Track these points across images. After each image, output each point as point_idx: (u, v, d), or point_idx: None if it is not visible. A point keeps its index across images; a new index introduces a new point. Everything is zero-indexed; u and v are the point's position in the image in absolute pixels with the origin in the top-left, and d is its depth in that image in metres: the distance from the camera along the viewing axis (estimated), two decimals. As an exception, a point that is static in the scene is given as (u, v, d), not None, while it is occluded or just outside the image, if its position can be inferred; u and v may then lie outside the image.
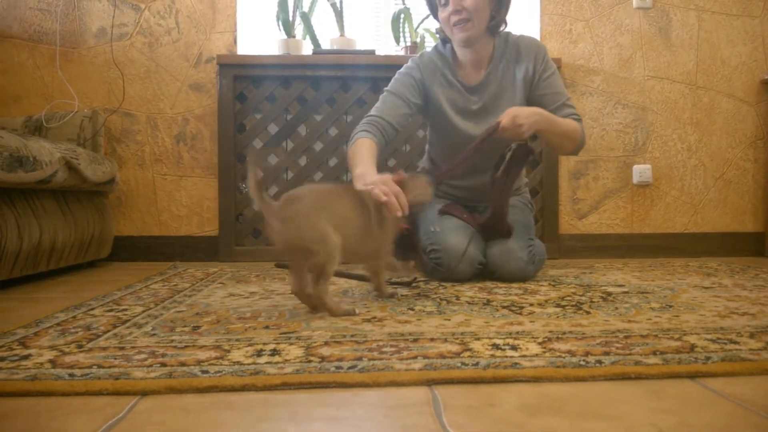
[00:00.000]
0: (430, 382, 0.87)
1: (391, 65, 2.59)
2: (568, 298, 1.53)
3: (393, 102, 1.86)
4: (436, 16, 1.93)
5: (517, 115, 1.67)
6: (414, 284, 1.71)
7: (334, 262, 1.26)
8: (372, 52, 2.65)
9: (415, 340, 1.08)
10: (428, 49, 2.00)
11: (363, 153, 1.68)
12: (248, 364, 0.94)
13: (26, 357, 0.99)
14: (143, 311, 1.38)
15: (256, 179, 1.22)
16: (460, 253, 1.78)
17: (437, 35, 2.00)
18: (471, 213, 1.92)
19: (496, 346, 1.03)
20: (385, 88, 1.91)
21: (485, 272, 1.86)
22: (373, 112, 1.84)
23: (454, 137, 1.91)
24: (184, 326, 1.21)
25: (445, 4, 1.81)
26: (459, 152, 1.81)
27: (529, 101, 1.89)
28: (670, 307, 1.40)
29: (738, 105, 2.79)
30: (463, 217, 1.88)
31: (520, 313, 1.33)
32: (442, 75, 1.92)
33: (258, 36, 2.81)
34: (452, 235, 1.81)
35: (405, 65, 1.95)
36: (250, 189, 1.23)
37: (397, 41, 2.79)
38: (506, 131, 1.67)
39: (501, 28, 1.90)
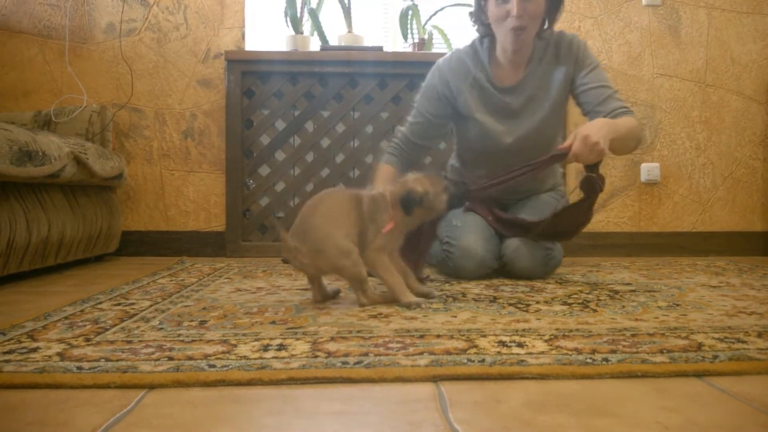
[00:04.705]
0: (436, 378, 0.87)
1: (398, 62, 2.60)
2: (575, 295, 1.52)
3: (419, 123, 1.89)
4: (481, 7, 1.80)
5: (588, 134, 1.51)
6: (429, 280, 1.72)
7: (362, 268, 1.38)
8: (380, 49, 2.64)
9: (422, 337, 1.08)
10: (462, 47, 1.90)
11: (380, 178, 1.84)
12: (255, 359, 0.94)
13: (35, 350, 0.99)
14: (150, 305, 1.38)
15: (284, 234, 1.36)
16: (472, 254, 1.77)
17: (474, 25, 1.86)
18: (498, 211, 1.85)
19: (502, 343, 1.03)
20: (414, 103, 1.92)
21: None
22: (405, 131, 1.91)
23: (486, 141, 1.85)
24: (191, 321, 1.22)
25: (504, 2, 1.69)
26: (490, 157, 1.83)
27: (573, 98, 1.85)
28: (678, 305, 1.40)
29: (747, 103, 2.76)
30: (488, 219, 1.84)
31: (527, 311, 1.32)
32: (473, 78, 1.84)
33: (266, 32, 2.81)
34: (470, 234, 1.79)
35: (431, 71, 1.90)
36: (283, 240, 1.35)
37: (405, 38, 2.78)
38: (580, 156, 1.54)
39: (546, 34, 1.82)
